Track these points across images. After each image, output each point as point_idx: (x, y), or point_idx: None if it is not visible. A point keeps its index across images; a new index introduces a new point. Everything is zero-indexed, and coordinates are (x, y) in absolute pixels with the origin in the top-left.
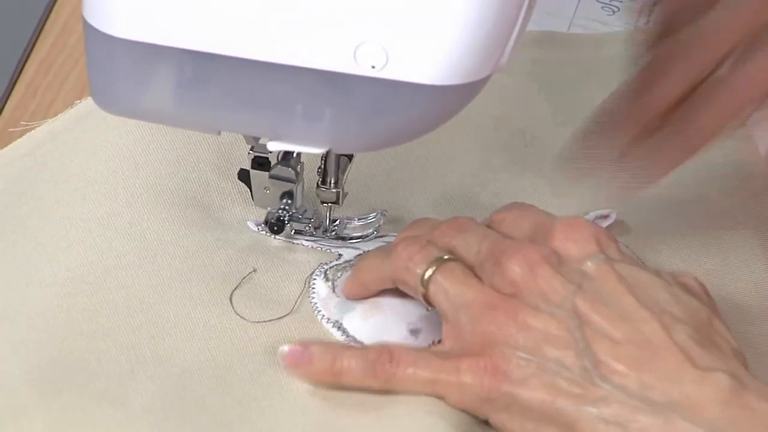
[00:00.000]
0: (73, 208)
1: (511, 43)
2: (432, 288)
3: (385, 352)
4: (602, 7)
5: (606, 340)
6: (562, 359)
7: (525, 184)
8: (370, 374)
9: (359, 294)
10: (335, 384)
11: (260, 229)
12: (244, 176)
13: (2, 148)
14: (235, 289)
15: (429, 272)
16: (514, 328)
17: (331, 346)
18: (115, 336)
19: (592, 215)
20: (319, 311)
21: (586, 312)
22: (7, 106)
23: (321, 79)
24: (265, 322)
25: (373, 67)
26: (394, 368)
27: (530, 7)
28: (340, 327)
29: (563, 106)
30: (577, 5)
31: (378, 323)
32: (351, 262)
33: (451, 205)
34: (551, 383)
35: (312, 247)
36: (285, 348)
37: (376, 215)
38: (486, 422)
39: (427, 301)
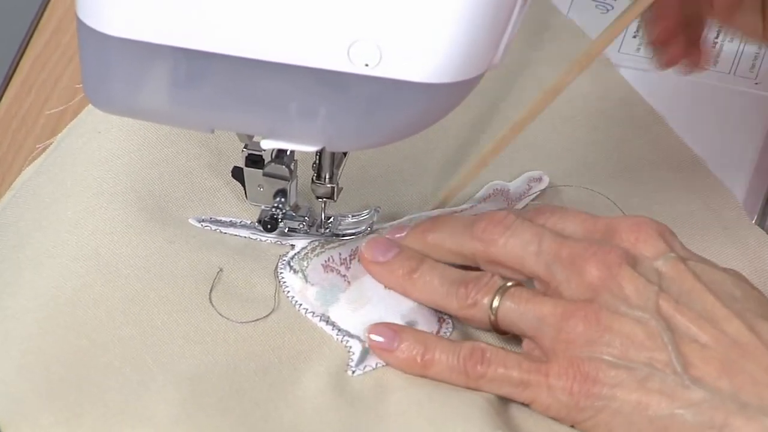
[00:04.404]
0: (23, 249)
1: (505, 40)
2: (502, 313)
3: (477, 350)
4: (596, 6)
5: (693, 342)
6: (652, 363)
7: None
8: (461, 372)
9: (392, 289)
10: (421, 374)
11: (203, 225)
12: (237, 174)
13: None
14: (210, 291)
15: (496, 300)
16: (597, 333)
17: (422, 335)
18: (112, 349)
19: (524, 177)
20: (300, 305)
21: (670, 314)
22: (2, 102)
23: (315, 77)
24: (252, 321)
25: (366, 65)
26: (485, 368)
27: (524, 5)
28: (328, 321)
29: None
30: (571, 4)
31: (370, 315)
32: (307, 249)
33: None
34: (643, 387)
35: (259, 240)
36: (373, 332)
37: (370, 212)
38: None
39: (496, 327)
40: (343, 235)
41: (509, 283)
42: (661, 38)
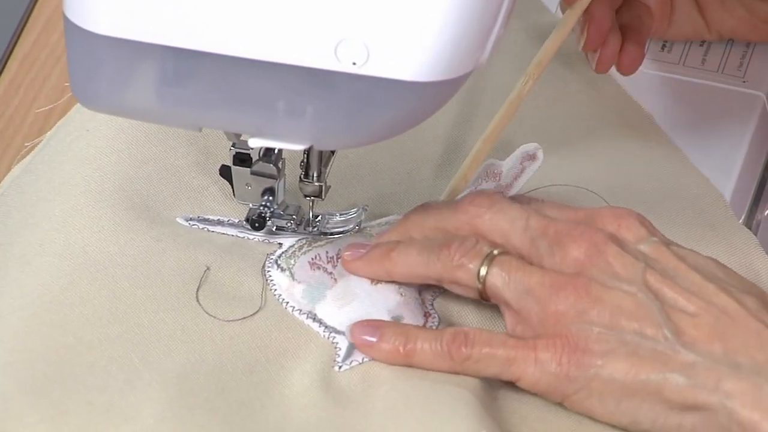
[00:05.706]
0: (11, 247)
1: (492, 39)
2: (490, 281)
3: (460, 334)
4: None
5: (682, 312)
6: (643, 331)
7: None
8: (445, 356)
9: (377, 277)
10: (405, 364)
11: (191, 223)
12: (225, 172)
13: None
14: (198, 290)
15: (485, 267)
16: (588, 304)
17: (403, 327)
18: (98, 347)
19: (519, 151)
20: (287, 302)
21: (658, 287)
22: None
23: (303, 75)
24: (239, 320)
25: (354, 63)
26: (469, 350)
27: (512, 3)
28: (315, 318)
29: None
30: (559, 2)
31: (356, 311)
32: (294, 247)
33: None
34: (634, 354)
35: (247, 238)
36: (355, 329)
37: (357, 210)
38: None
39: (484, 296)
40: (331, 234)
41: (496, 251)
42: (590, 45)
